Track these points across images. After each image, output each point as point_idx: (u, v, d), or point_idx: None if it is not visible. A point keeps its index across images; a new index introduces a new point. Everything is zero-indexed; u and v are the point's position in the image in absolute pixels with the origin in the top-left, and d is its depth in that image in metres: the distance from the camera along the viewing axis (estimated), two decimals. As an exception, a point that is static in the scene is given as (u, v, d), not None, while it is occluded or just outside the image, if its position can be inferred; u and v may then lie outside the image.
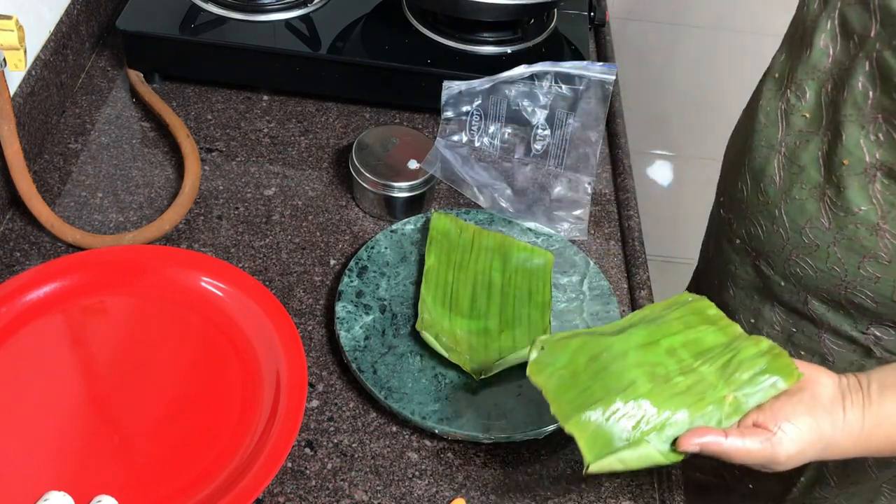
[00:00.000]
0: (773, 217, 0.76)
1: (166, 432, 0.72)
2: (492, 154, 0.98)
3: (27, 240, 0.87)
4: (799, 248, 0.74)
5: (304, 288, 0.86)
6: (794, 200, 0.74)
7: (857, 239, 0.70)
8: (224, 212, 0.92)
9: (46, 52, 0.95)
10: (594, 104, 0.94)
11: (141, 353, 0.78)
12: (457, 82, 0.93)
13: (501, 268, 0.87)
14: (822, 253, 0.73)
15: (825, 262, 0.73)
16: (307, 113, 1.04)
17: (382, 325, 0.81)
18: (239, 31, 1.02)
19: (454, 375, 0.77)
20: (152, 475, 0.69)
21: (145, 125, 1.01)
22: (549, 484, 0.74)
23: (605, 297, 0.85)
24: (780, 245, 0.77)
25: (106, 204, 0.91)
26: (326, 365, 0.80)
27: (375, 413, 0.77)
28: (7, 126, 0.83)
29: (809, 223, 0.73)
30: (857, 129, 0.67)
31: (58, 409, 0.73)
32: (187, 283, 0.82)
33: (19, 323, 0.78)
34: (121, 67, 1.06)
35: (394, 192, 0.90)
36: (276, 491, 0.71)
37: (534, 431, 0.74)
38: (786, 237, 0.75)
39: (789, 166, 0.74)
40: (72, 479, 0.68)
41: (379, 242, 0.88)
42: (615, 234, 0.95)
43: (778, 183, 0.75)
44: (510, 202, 0.93)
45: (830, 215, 0.71)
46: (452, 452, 0.75)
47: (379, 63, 1.00)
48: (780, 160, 0.75)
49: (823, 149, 0.71)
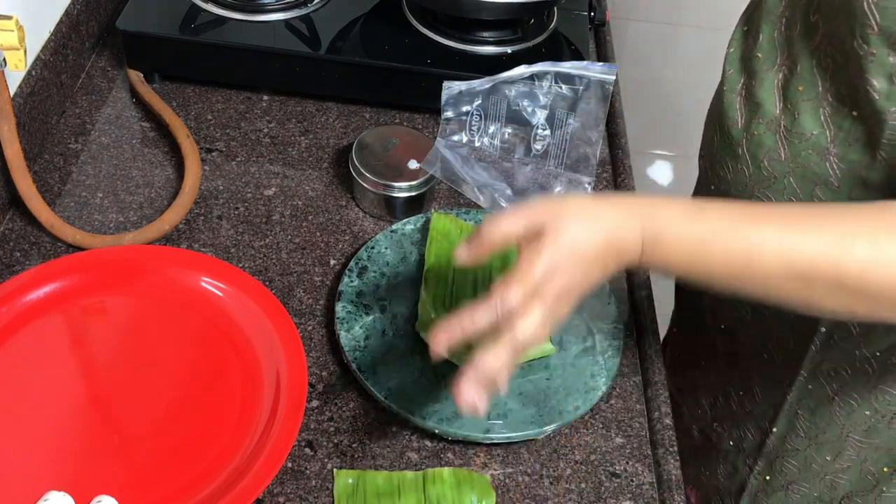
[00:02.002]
0: (737, 156, 0.78)
1: (166, 432, 0.72)
2: (492, 154, 0.98)
3: (27, 240, 0.87)
4: (759, 182, 0.76)
5: (304, 288, 0.86)
6: (753, 136, 0.76)
7: (809, 166, 0.71)
8: (224, 212, 0.92)
9: (46, 52, 0.95)
10: (594, 104, 0.94)
11: (141, 354, 0.78)
12: (457, 82, 0.93)
13: (501, 268, 0.87)
14: (780, 185, 0.74)
15: (783, 194, 0.74)
16: (307, 113, 1.04)
17: (382, 325, 0.81)
18: (239, 31, 1.02)
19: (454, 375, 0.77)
20: (152, 475, 0.69)
21: (145, 125, 1.01)
22: (549, 484, 0.74)
23: (605, 297, 0.85)
24: (743, 182, 0.79)
25: (106, 204, 0.91)
26: (326, 365, 0.80)
27: (375, 413, 0.77)
28: (7, 126, 0.83)
29: (767, 156, 0.75)
30: (809, 59, 0.70)
31: (58, 409, 0.73)
32: (187, 283, 0.82)
33: (19, 323, 0.78)
34: (121, 67, 1.06)
35: (394, 192, 0.90)
36: (276, 491, 0.71)
37: (534, 431, 0.74)
38: (748, 174, 0.77)
39: (748, 105, 0.77)
40: (72, 479, 0.68)
41: (379, 242, 0.88)
42: (615, 234, 0.95)
43: (740, 122, 0.78)
44: (510, 202, 0.93)
45: (786, 144, 0.73)
46: (452, 452, 0.75)
47: (379, 63, 1.00)
48: (741, 101, 0.78)
49: (779, 81, 0.74)
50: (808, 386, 0.82)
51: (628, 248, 0.60)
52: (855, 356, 0.77)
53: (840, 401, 0.80)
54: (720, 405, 0.93)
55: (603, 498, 0.73)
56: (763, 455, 0.90)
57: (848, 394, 0.80)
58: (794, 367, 0.81)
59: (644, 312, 0.87)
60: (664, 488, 0.74)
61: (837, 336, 0.77)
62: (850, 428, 0.82)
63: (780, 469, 0.89)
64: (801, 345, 0.80)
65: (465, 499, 0.71)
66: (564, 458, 0.76)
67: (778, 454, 0.89)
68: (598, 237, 0.60)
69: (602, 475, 0.75)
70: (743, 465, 0.93)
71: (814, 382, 0.81)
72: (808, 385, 0.81)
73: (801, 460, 0.87)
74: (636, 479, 0.75)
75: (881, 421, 0.80)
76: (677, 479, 0.75)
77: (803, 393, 0.82)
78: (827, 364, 0.79)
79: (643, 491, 0.74)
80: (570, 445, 0.77)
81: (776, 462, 0.89)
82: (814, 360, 0.79)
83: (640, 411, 0.80)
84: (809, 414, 0.83)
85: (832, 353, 0.78)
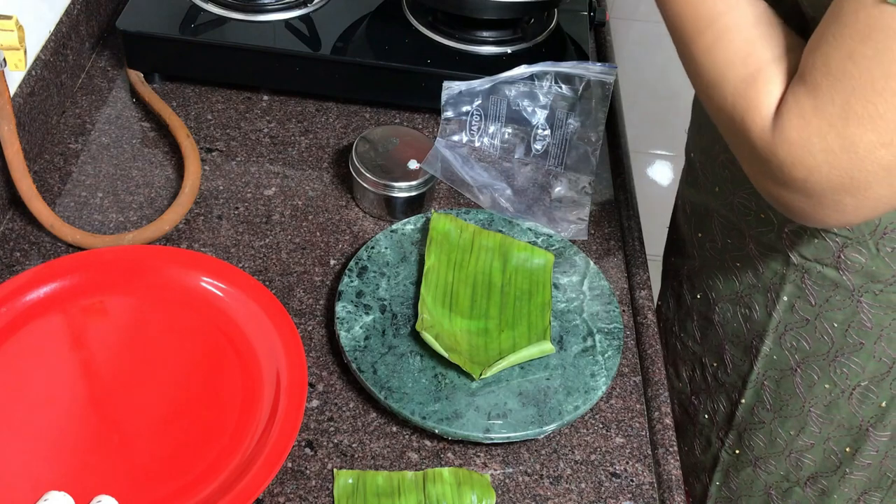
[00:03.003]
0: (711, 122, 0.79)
1: (166, 432, 0.72)
2: (492, 154, 0.98)
3: (27, 240, 0.87)
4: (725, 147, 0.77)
5: (304, 288, 0.86)
6: None
7: None
8: (224, 212, 0.92)
9: (46, 52, 0.95)
10: (594, 104, 0.94)
11: (141, 353, 0.78)
12: (457, 82, 0.93)
13: (501, 268, 0.87)
14: None
15: None
16: (307, 113, 1.04)
17: (382, 325, 0.81)
18: (239, 31, 1.02)
19: (454, 375, 0.77)
20: (152, 475, 0.69)
21: (145, 125, 1.01)
22: (549, 484, 0.74)
23: (605, 297, 0.85)
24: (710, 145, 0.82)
25: (106, 204, 0.91)
26: (326, 365, 0.80)
27: (375, 413, 0.77)
28: (7, 126, 0.83)
29: None
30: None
31: (58, 408, 0.73)
32: (187, 283, 0.82)
33: (19, 323, 0.78)
34: (121, 67, 1.06)
35: (394, 192, 0.90)
36: (276, 491, 0.71)
37: (534, 431, 0.74)
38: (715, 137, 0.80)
39: None
40: (72, 479, 0.68)
41: (379, 242, 0.88)
42: (615, 234, 0.95)
43: None
44: (510, 202, 0.93)
45: None
46: (452, 452, 0.75)
47: (379, 63, 1.00)
48: None
49: None
50: (773, 356, 0.84)
51: None
52: (815, 327, 0.79)
53: (802, 373, 0.82)
54: (697, 377, 0.96)
55: (603, 498, 0.73)
56: (733, 427, 0.92)
57: (809, 365, 0.81)
58: (760, 336, 0.84)
59: (644, 312, 0.87)
60: (664, 488, 0.74)
61: (798, 306, 0.79)
62: (812, 402, 0.83)
63: (748, 443, 0.91)
64: (766, 314, 0.82)
65: (465, 499, 0.71)
66: (564, 458, 0.76)
67: (746, 426, 0.90)
68: None
69: (602, 475, 0.75)
70: (716, 438, 0.95)
71: (778, 353, 0.83)
72: (773, 355, 0.83)
73: (767, 434, 0.89)
74: (636, 479, 0.75)
75: (840, 396, 0.81)
76: (677, 478, 0.75)
77: (768, 363, 0.84)
78: (790, 335, 0.81)
79: (643, 491, 0.74)
80: (570, 445, 0.77)
81: (744, 435, 0.91)
82: (777, 329, 0.82)
83: (640, 411, 0.80)
84: (774, 385, 0.85)
85: (794, 322, 0.80)
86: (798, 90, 0.57)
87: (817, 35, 0.57)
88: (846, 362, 0.79)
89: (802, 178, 0.58)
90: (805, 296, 0.78)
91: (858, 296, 0.75)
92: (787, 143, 0.58)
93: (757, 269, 0.82)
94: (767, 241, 0.79)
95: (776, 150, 0.58)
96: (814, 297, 0.78)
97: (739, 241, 0.83)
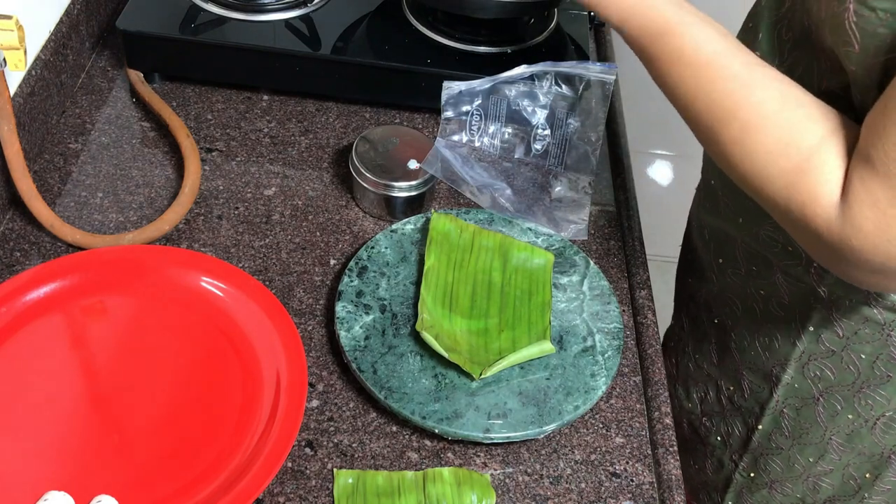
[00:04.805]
0: None
1: (166, 432, 0.72)
2: (492, 154, 0.98)
3: (27, 240, 0.87)
4: None
5: (304, 288, 0.86)
6: None
7: None
8: (224, 212, 0.92)
9: (46, 52, 0.95)
10: (594, 104, 0.94)
11: (141, 353, 0.78)
12: (457, 82, 0.93)
13: (501, 268, 0.87)
14: None
15: None
16: (307, 113, 1.04)
17: (382, 325, 0.81)
18: (239, 31, 1.02)
19: (454, 375, 0.77)
20: (152, 475, 0.69)
21: (145, 125, 1.01)
22: (549, 484, 0.74)
23: (605, 297, 0.85)
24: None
25: (106, 204, 0.91)
26: (326, 365, 0.80)
27: (375, 413, 0.77)
28: (7, 126, 0.83)
29: None
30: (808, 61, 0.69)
31: (58, 409, 0.73)
32: (187, 283, 0.82)
33: (19, 323, 0.78)
34: (121, 67, 1.06)
35: (394, 192, 0.90)
36: (276, 491, 0.71)
37: (534, 431, 0.74)
38: None
39: None
40: (72, 479, 0.68)
41: (379, 242, 0.88)
42: (615, 234, 0.95)
43: None
44: (510, 202, 0.93)
45: None
46: (452, 452, 0.75)
47: (379, 63, 1.00)
48: None
49: None
50: (794, 385, 0.82)
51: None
52: (841, 358, 0.77)
53: (825, 402, 0.81)
54: (710, 399, 0.94)
55: (603, 498, 0.73)
56: (748, 451, 0.90)
57: (833, 395, 0.80)
58: (782, 365, 0.82)
59: (644, 312, 0.87)
60: (664, 488, 0.74)
61: (824, 336, 0.77)
62: (834, 431, 0.82)
63: (764, 467, 0.90)
64: (789, 343, 0.80)
65: (465, 499, 0.71)
66: (564, 458, 0.76)
67: (762, 451, 0.89)
68: None
69: (602, 475, 0.75)
70: (729, 460, 0.93)
71: (800, 382, 0.81)
72: (795, 384, 0.82)
73: (785, 460, 0.87)
74: (636, 479, 0.75)
75: (864, 426, 0.80)
76: (677, 478, 0.75)
77: (789, 392, 0.83)
78: (813, 364, 0.79)
79: (643, 491, 0.74)
80: (570, 445, 0.77)
81: (760, 459, 0.90)
82: (800, 359, 0.80)
83: (640, 411, 0.80)
84: (794, 413, 0.84)
85: (819, 353, 0.78)
86: (866, 176, 0.55)
87: (880, 112, 0.55)
88: (871, 394, 0.77)
89: (881, 263, 0.56)
90: (832, 327, 0.76)
91: (889, 329, 0.73)
92: (861, 234, 0.55)
93: (782, 297, 0.79)
94: (795, 274, 0.77)
95: (849, 240, 0.56)
96: (842, 330, 0.75)
97: (765, 270, 0.80)
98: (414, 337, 0.80)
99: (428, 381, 0.77)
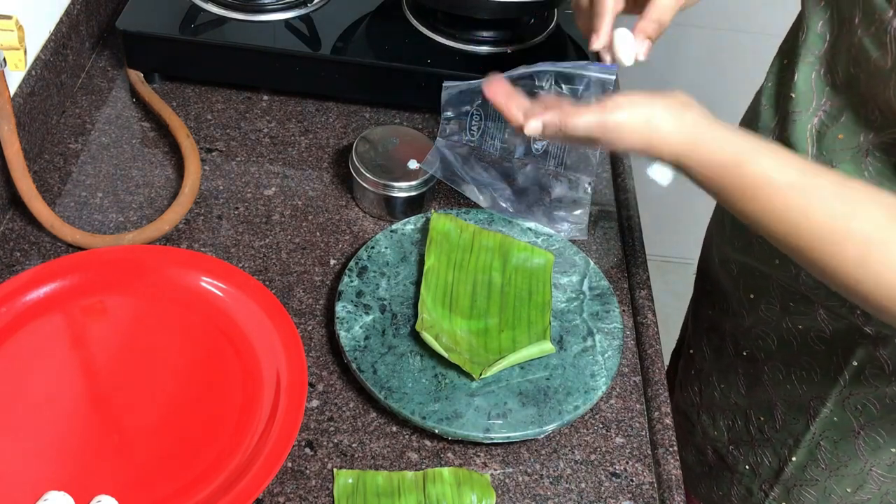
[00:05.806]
0: None
1: (166, 432, 0.72)
2: (492, 154, 0.98)
3: (27, 240, 0.87)
4: None
5: (304, 288, 0.86)
6: None
7: None
8: (224, 212, 0.92)
9: (46, 52, 0.95)
10: (594, 104, 0.94)
11: (141, 353, 0.78)
12: (457, 82, 0.93)
13: (501, 268, 0.87)
14: None
15: None
16: (307, 113, 1.04)
17: (382, 325, 0.81)
18: (239, 31, 1.02)
19: (454, 375, 0.77)
20: (152, 475, 0.69)
21: (145, 125, 1.01)
22: (549, 484, 0.74)
23: (605, 297, 0.85)
24: None
25: (106, 204, 0.91)
26: (326, 365, 0.80)
27: (375, 413, 0.77)
28: (7, 126, 0.83)
29: None
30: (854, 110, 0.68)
31: (58, 409, 0.73)
32: (187, 283, 0.82)
33: (19, 323, 0.78)
34: (121, 67, 1.06)
35: (394, 192, 0.90)
36: (276, 491, 0.71)
37: (534, 431, 0.74)
38: None
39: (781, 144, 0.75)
40: (72, 479, 0.68)
41: (379, 242, 0.88)
42: (615, 234, 0.95)
43: None
44: (510, 202, 0.93)
45: None
46: (452, 452, 0.75)
47: (379, 63, 1.00)
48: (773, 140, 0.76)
49: (813, 126, 0.72)
50: (833, 418, 0.80)
51: (663, 139, 0.67)
52: (885, 393, 0.76)
53: (866, 435, 0.79)
54: (738, 427, 0.92)
55: (603, 498, 0.73)
56: (780, 482, 0.88)
57: (875, 429, 0.78)
58: (820, 398, 0.80)
59: (644, 312, 0.87)
60: (664, 488, 0.74)
61: (868, 372, 0.76)
62: (875, 463, 0.80)
63: (797, 497, 0.88)
64: (829, 378, 0.79)
65: (465, 499, 0.71)
66: (564, 458, 0.76)
67: (796, 482, 0.87)
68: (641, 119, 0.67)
69: (602, 475, 0.75)
70: (758, 489, 0.91)
71: (840, 415, 0.80)
72: (834, 417, 0.80)
73: (821, 490, 0.85)
74: (636, 479, 0.75)
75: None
76: (677, 478, 0.75)
77: (827, 425, 0.81)
78: (855, 398, 0.78)
79: (643, 491, 0.74)
80: (570, 445, 0.77)
81: (794, 490, 0.88)
82: (841, 393, 0.78)
83: (640, 411, 0.80)
84: (832, 446, 0.82)
85: (861, 387, 0.77)
86: None
87: None
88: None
89: None
90: (877, 362, 0.75)
91: None
92: None
93: (823, 332, 0.78)
94: (840, 313, 0.76)
95: None
96: (888, 366, 0.74)
97: (805, 307, 0.79)
98: (414, 337, 0.80)
99: (428, 381, 0.77)
